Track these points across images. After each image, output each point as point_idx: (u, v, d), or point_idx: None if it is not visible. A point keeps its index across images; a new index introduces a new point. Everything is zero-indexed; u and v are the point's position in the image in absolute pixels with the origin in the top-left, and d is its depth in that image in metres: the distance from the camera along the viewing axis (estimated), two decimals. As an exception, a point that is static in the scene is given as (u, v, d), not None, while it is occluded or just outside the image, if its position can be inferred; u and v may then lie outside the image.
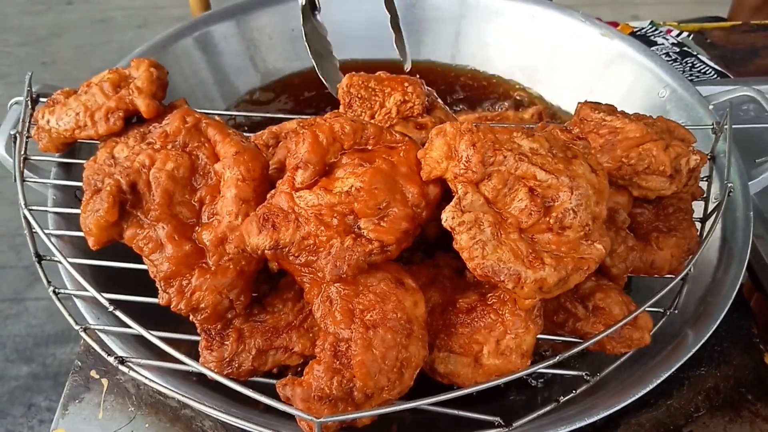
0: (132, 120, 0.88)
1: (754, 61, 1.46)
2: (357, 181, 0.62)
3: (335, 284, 0.63)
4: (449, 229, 0.61)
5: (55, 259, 0.74)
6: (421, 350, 0.62)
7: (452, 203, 0.61)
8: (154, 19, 3.58)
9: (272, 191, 0.65)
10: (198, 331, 0.67)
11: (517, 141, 0.63)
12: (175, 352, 0.62)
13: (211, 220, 0.66)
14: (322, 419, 0.57)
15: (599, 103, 0.84)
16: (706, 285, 0.82)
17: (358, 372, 0.59)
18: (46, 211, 0.84)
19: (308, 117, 0.88)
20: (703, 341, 0.74)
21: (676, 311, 0.76)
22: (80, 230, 0.81)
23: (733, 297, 0.78)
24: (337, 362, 0.60)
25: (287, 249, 0.61)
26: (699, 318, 0.77)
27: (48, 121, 0.86)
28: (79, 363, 0.84)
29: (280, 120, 0.90)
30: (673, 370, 0.71)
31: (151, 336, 0.63)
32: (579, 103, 0.84)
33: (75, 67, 3.20)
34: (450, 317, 0.68)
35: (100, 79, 0.88)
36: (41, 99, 0.93)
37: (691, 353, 0.73)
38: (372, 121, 0.78)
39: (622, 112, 0.82)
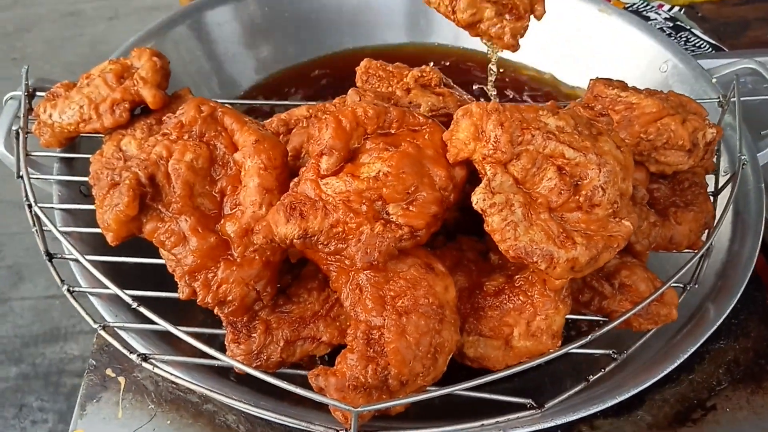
0: (135, 111, 0.86)
1: (747, 33, 1.47)
2: (384, 165, 0.61)
3: (364, 272, 0.62)
4: (480, 212, 0.60)
5: (69, 256, 0.72)
6: (454, 335, 0.62)
7: (482, 185, 0.60)
8: (125, 10, 3.50)
9: (296, 179, 0.64)
10: (223, 324, 0.66)
11: (543, 119, 0.62)
12: (206, 347, 0.61)
13: (234, 210, 0.64)
14: (359, 408, 0.57)
15: (611, 79, 0.83)
16: (723, 259, 0.83)
17: (393, 359, 0.59)
18: (52, 207, 0.82)
19: (317, 103, 0.87)
20: (725, 315, 0.74)
21: (696, 286, 0.76)
22: (89, 226, 0.80)
23: (752, 269, 0.79)
24: (371, 350, 0.60)
25: (316, 237, 0.60)
26: (719, 292, 0.78)
27: (50, 116, 0.83)
28: (93, 362, 0.82)
29: (287, 107, 0.88)
30: (698, 344, 0.72)
31: (179, 331, 0.62)
32: (591, 79, 0.84)
33: (46, 61, 3.12)
34: (478, 300, 0.67)
35: (101, 71, 0.85)
36: (38, 93, 0.91)
37: (714, 327, 0.73)
38: (390, 90, 0.77)
39: (635, 88, 0.82)
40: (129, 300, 0.65)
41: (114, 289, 0.65)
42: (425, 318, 0.60)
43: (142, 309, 0.64)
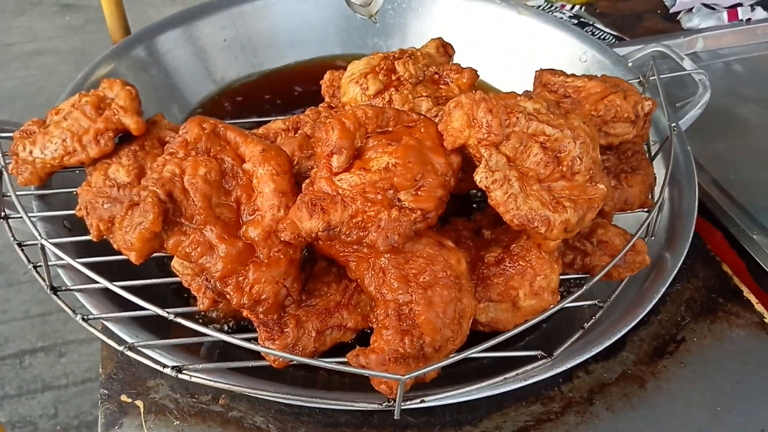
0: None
1: (641, 24, 1.65)
2: (392, 158, 0.67)
3: (384, 256, 0.67)
4: (484, 189, 0.67)
5: (80, 287, 0.73)
6: (472, 300, 0.69)
7: (482, 165, 0.68)
8: (6, 57, 3.34)
9: (307, 180, 0.69)
10: (255, 325, 0.69)
11: (522, 104, 0.71)
12: (258, 347, 0.64)
13: (253, 216, 0.68)
14: (406, 376, 0.62)
15: (554, 69, 0.94)
16: (667, 214, 0.95)
17: (426, 328, 0.65)
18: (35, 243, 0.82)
19: (290, 116, 0.92)
20: (681, 260, 0.86)
21: (653, 237, 0.87)
22: (83, 257, 0.81)
23: (695, 218, 0.91)
24: (404, 324, 0.65)
25: (338, 228, 0.65)
26: (671, 241, 0.89)
27: (31, 152, 0.83)
28: (105, 391, 0.82)
29: (261, 123, 0.93)
30: (666, 286, 0.82)
31: (234, 339, 0.65)
32: (537, 70, 0.94)
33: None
34: (482, 271, 0.75)
35: (75, 104, 0.86)
36: (2, 134, 0.90)
37: (675, 271, 0.85)
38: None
39: (574, 74, 0.93)
40: (164, 313, 0.67)
41: (153, 309, 0.66)
42: (447, 288, 0.67)
43: (179, 319, 0.67)
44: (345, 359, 0.67)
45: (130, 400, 0.81)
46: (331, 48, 1.40)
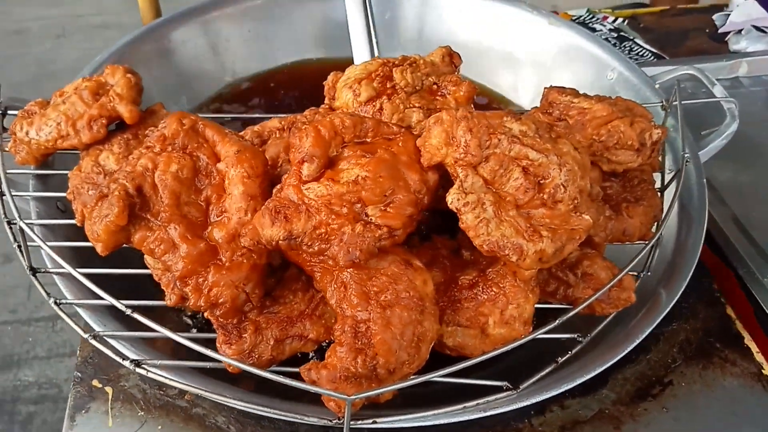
0: (110, 127, 0.88)
1: (686, 42, 1.57)
2: (362, 170, 0.65)
3: (348, 270, 0.66)
4: (455, 210, 0.65)
5: (56, 270, 0.74)
6: (434, 324, 0.66)
7: (455, 186, 0.65)
8: (72, 28, 3.46)
9: (278, 186, 0.67)
10: (214, 327, 0.69)
11: (507, 125, 0.68)
12: (204, 349, 0.64)
13: (220, 218, 0.68)
14: (352, 397, 0.60)
15: (564, 87, 0.90)
16: (671, 248, 0.90)
17: (380, 349, 0.63)
18: (33, 224, 0.83)
19: (288, 115, 0.91)
20: (676, 298, 0.81)
21: (649, 273, 0.83)
22: (66, 241, 0.82)
23: (698, 256, 0.86)
24: (359, 342, 0.64)
25: (300, 239, 0.64)
26: (669, 278, 0.85)
27: (27, 133, 0.85)
28: (79, 374, 0.83)
29: (259, 120, 0.92)
30: (654, 326, 0.78)
31: (178, 337, 0.65)
32: (545, 88, 0.90)
33: (-8, 80, 3.06)
34: (454, 293, 0.72)
35: (76, 88, 0.87)
36: (9, 112, 0.92)
37: (667, 310, 0.80)
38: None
39: (585, 94, 0.89)
40: (123, 308, 0.67)
41: (108, 299, 0.67)
42: (407, 310, 0.64)
43: (136, 315, 0.67)
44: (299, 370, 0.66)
45: (101, 386, 0.82)
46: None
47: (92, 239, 0.68)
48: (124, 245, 0.69)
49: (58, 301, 0.75)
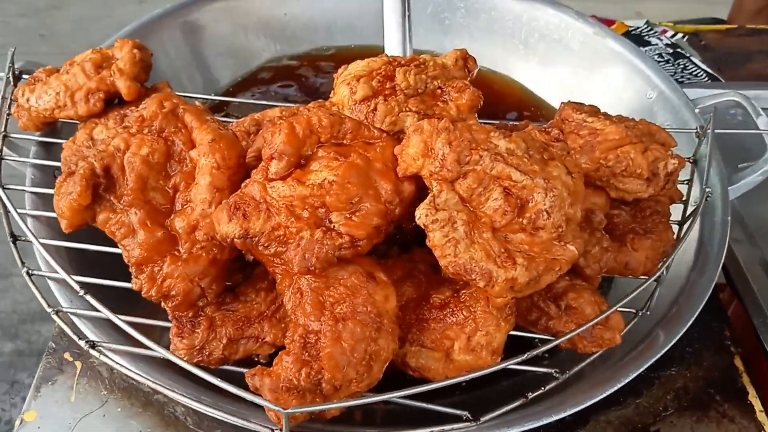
0: (114, 101, 0.87)
1: (747, 65, 1.46)
2: (330, 174, 0.62)
3: (306, 276, 0.63)
4: (422, 227, 0.61)
5: (29, 239, 0.74)
6: (391, 344, 0.62)
7: (427, 201, 0.61)
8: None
9: (247, 180, 0.65)
10: (169, 317, 0.67)
11: (493, 141, 0.63)
12: (144, 338, 0.62)
13: (184, 207, 0.66)
14: (289, 410, 0.58)
15: (582, 104, 0.84)
16: (680, 287, 0.83)
17: (327, 364, 0.60)
18: (23, 190, 0.84)
19: (292, 105, 0.88)
20: (673, 342, 0.75)
21: (648, 312, 0.76)
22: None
23: (705, 299, 0.79)
24: (306, 354, 0.61)
25: (257, 239, 0.61)
26: (671, 319, 0.78)
27: (28, 100, 0.85)
28: (53, 345, 0.83)
29: (264, 107, 0.89)
30: (641, 369, 0.72)
31: (119, 321, 0.63)
32: (562, 103, 0.84)
33: (73, 40, 3.14)
34: (423, 312, 0.68)
35: (82, 59, 0.87)
36: (24, 76, 0.93)
37: (660, 354, 0.74)
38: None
39: (605, 114, 0.82)
40: (76, 286, 0.66)
41: (62, 275, 0.66)
42: (362, 325, 0.61)
43: (87, 297, 0.65)
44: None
45: (71, 359, 0.82)
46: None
47: (58, 215, 0.67)
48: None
49: (30, 271, 0.75)
